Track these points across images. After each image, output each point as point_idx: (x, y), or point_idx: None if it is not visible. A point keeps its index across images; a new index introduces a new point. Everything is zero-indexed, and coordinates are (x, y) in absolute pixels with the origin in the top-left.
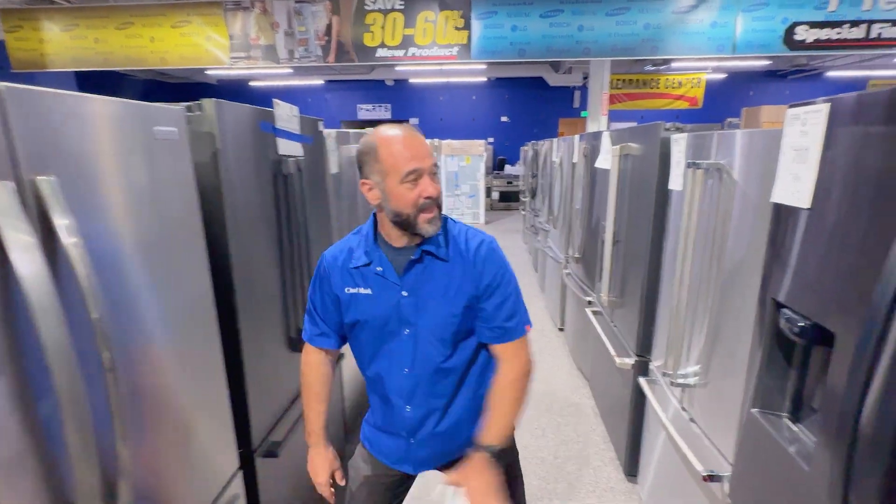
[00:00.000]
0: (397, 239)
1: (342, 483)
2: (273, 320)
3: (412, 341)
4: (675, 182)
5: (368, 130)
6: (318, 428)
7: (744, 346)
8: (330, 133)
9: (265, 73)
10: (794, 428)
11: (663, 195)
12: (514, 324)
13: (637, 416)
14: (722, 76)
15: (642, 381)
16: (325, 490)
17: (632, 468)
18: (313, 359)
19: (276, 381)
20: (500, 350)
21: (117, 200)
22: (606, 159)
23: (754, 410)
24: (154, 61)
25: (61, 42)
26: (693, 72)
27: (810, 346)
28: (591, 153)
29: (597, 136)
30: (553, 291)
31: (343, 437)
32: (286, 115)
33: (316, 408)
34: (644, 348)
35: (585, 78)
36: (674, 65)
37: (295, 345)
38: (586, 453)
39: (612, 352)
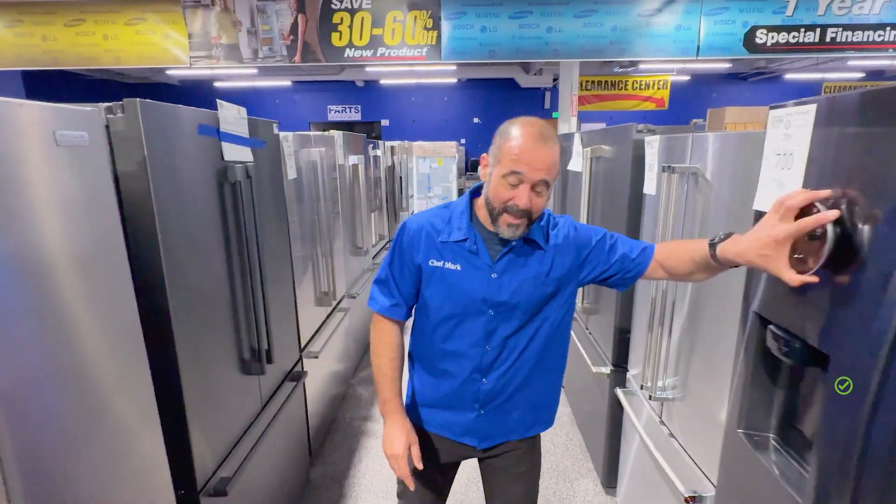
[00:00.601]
0: (491, 223)
1: (419, 466)
2: (222, 342)
3: (496, 321)
4: (649, 186)
5: (333, 133)
6: (394, 395)
7: (722, 358)
8: (287, 136)
9: (230, 74)
10: (782, 451)
11: (637, 199)
12: (641, 249)
13: (615, 427)
14: (686, 78)
15: (619, 392)
16: (402, 466)
17: (610, 480)
18: (386, 327)
19: (226, 409)
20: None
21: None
22: (578, 162)
23: (739, 431)
24: (108, 60)
25: (4, 39)
26: (659, 73)
27: (801, 367)
28: (563, 155)
29: (568, 137)
30: None
31: (308, 460)
32: (232, 117)
33: (390, 374)
34: (620, 357)
35: (556, 79)
36: (641, 66)
37: (248, 367)
38: (563, 465)
39: (588, 360)
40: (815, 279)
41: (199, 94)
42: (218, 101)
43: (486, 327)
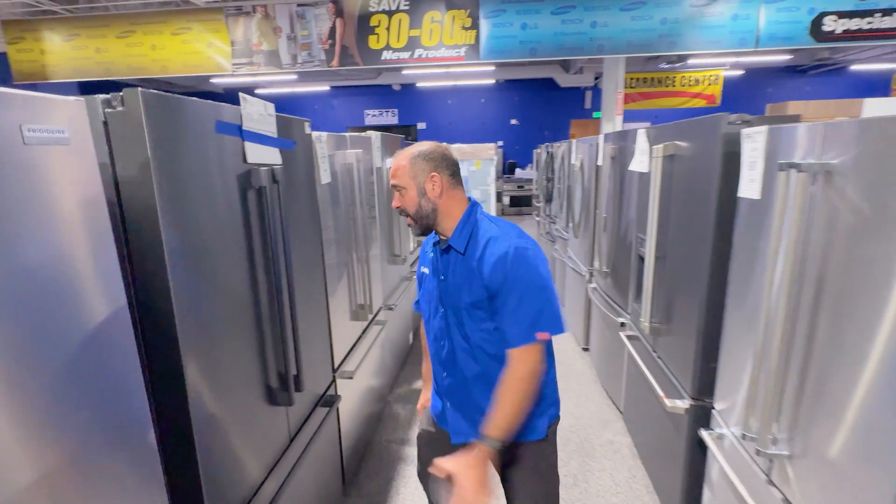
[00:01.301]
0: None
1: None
2: (244, 369)
3: (446, 320)
4: (749, 188)
5: (371, 134)
6: (426, 373)
7: (866, 410)
8: (320, 136)
9: (270, 80)
10: None
11: (728, 205)
12: (518, 332)
13: (694, 472)
14: (739, 73)
15: (706, 435)
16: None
17: None
18: (421, 322)
19: (248, 448)
20: (508, 350)
21: None
22: (643, 161)
23: None
24: (155, 70)
25: (62, 52)
26: (710, 69)
27: None
28: (620, 155)
29: (626, 135)
30: (575, 307)
31: (342, 490)
32: (257, 114)
33: (426, 359)
34: (703, 390)
35: (597, 78)
36: (690, 61)
37: (275, 397)
38: None
39: (660, 391)
40: None
41: None
42: (241, 94)
43: (440, 325)
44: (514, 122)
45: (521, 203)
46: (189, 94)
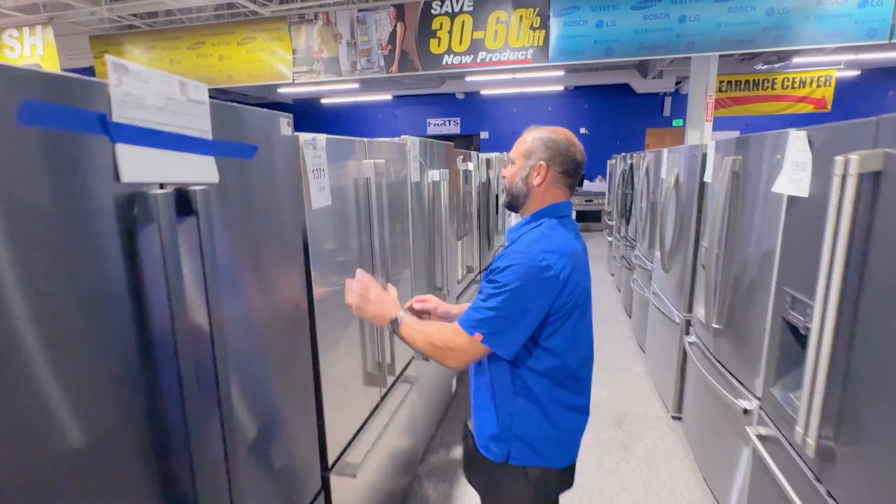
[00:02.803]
0: None
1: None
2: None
3: None
4: None
5: (406, 139)
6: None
7: None
8: (315, 141)
9: (334, 90)
10: None
11: None
12: (467, 316)
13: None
14: (853, 73)
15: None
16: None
17: None
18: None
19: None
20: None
21: None
22: (800, 181)
23: None
24: (222, 80)
25: (141, 65)
26: (821, 68)
27: None
28: (744, 169)
29: (758, 142)
30: (662, 358)
31: None
32: (156, 96)
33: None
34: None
35: (679, 82)
36: (795, 60)
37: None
38: None
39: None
40: None
41: (310, 111)
42: (109, 59)
43: None
44: (583, 130)
45: (588, 218)
46: (260, 104)
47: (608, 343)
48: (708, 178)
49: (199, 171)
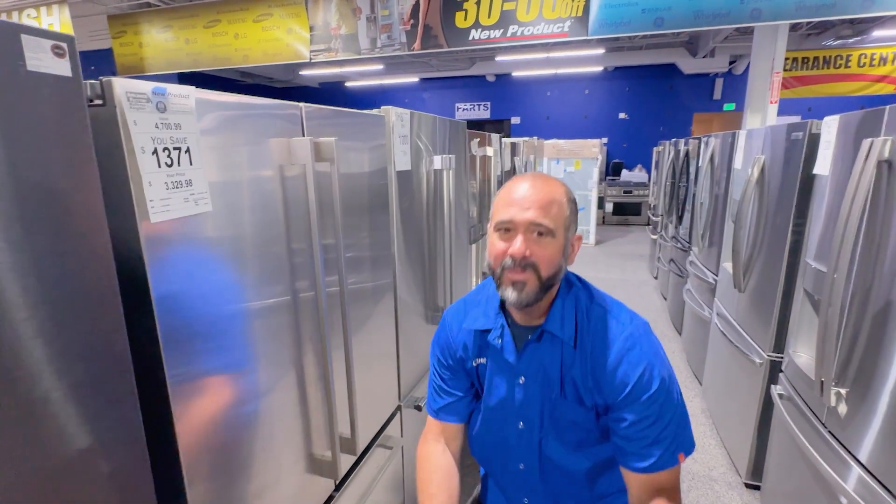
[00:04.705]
0: (515, 312)
1: None
2: None
3: (528, 436)
4: None
5: (391, 111)
6: None
7: None
8: (184, 96)
9: (360, 72)
10: None
11: None
12: (661, 453)
13: None
14: None
15: None
16: None
17: None
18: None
19: None
20: (633, 480)
21: None
22: None
23: None
24: (238, 59)
25: (157, 45)
26: None
27: None
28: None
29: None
30: (733, 410)
31: None
32: None
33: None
34: None
35: (733, 61)
36: (875, 34)
37: None
38: None
39: None
40: None
41: (336, 94)
42: None
43: (518, 443)
44: (622, 115)
45: (626, 211)
46: (286, 88)
47: None
48: (821, 169)
49: None
